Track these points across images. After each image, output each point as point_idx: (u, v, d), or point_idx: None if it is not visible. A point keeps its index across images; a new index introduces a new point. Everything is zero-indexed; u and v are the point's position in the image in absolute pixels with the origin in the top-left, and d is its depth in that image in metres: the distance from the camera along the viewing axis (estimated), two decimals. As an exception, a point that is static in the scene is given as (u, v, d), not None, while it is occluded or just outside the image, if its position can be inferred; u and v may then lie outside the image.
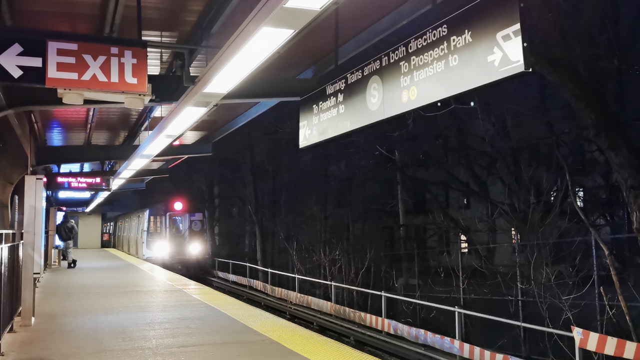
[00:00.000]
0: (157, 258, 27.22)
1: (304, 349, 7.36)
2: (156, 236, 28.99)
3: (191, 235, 28.83)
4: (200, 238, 29.46)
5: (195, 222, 29.39)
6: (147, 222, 29.41)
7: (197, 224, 29.41)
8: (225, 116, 15.40)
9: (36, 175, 10.33)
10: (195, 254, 28.58)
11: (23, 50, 6.41)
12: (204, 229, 30.14)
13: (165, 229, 28.93)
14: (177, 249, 28.46)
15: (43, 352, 7.35)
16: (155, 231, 29.46)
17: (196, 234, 29.14)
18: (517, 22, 4.73)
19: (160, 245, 28.34)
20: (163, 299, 12.31)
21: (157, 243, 28.57)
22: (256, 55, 5.94)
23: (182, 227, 29.40)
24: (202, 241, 29.55)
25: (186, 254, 28.30)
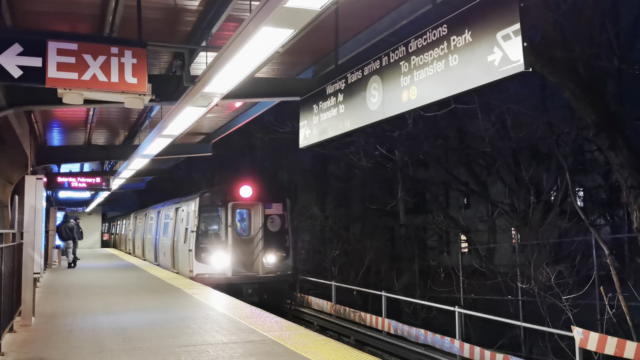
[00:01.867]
0: (214, 275, 16.87)
1: (304, 349, 7.36)
2: (212, 241, 17.62)
3: (267, 238, 17.78)
4: (280, 243, 18.12)
5: (273, 217, 18.13)
6: (196, 217, 17.62)
7: (275, 221, 18.19)
8: (225, 116, 15.41)
9: (36, 175, 10.33)
10: (273, 268, 17.69)
11: (23, 50, 6.41)
12: (285, 229, 18.28)
13: (227, 229, 17.48)
14: (245, 260, 17.79)
15: (43, 352, 7.35)
16: (209, 232, 18.11)
17: (275, 236, 18.02)
18: (517, 22, 4.73)
19: (220, 256, 17.13)
20: (163, 299, 12.31)
21: (216, 252, 17.24)
22: (256, 55, 5.95)
23: (252, 225, 18.28)
24: (282, 247, 18.10)
25: (259, 268, 17.51)
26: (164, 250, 21.70)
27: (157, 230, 23.89)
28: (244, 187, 17.84)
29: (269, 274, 17.44)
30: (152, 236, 24.84)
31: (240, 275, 17.08)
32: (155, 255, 23.71)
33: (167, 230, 21.46)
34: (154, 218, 25.09)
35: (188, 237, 17.80)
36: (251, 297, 16.26)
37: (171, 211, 21.15)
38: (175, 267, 19.58)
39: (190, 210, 18.12)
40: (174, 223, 20.15)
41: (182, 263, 18.60)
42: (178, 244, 19.19)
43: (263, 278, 17.28)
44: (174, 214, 20.48)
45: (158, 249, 23.28)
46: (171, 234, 20.42)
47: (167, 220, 21.84)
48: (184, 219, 18.73)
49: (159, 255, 23.13)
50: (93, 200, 33.30)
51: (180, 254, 18.92)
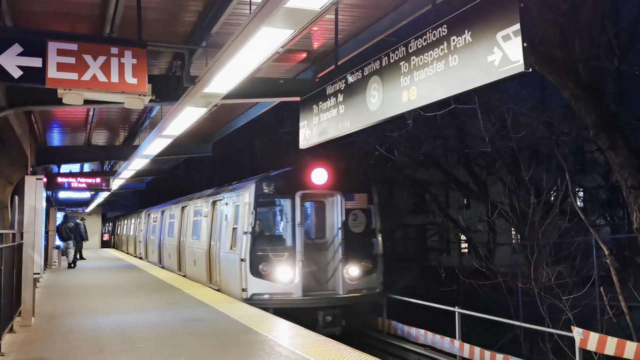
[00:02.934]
0: (277, 296, 12.07)
1: (304, 349, 7.36)
2: (274, 246, 12.64)
3: (349, 242, 12.71)
4: (366, 248, 13.01)
5: (356, 213, 13.13)
6: (252, 212, 12.49)
7: (359, 218, 13.15)
8: (225, 116, 15.41)
9: (36, 175, 10.33)
10: (358, 284, 12.66)
11: (23, 51, 6.42)
12: (372, 229, 13.24)
13: (295, 230, 12.38)
14: (319, 274, 12.72)
15: (43, 352, 7.35)
16: (269, 234, 13.39)
17: (359, 239, 12.97)
18: (517, 22, 4.73)
19: (285, 268, 12.20)
20: (163, 299, 12.31)
21: (280, 263, 12.24)
22: (256, 55, 5.95)
23: (328, 224, 13.03)
24: (368, 255, 12.99)
25: (339, 285, 12.47)
26: (194, 258, 16.41)
27: (181, 232, 18.61)
28: (317, 171, 12.57)
29: (353, 293, 12.31)
30: (175, 238, 19.20)
31: (314, 296, 12.04)
32: (179, 263, 18.45)
33: (199, 232, 16.27)
34: (175, 216, 19.77)
35: (237, 240, 12.50)
36: (331, 326, 11.76)
37: (204, 206, 15.93)
38: (213, 281, 14.31)
39: (240, 203, 12.73)
40: (210, 222, 15.00)
41: (227, 277, 13.09)
42: (219, 250, 13.78)
43: (344, 299, 12.16)
44: (209, 210, 15.25)
45: (183, 255, 17.95)
46: (205, 236, 15.24)
47: (198, 219, 16.77)
48: (229, 216, 13.42)
49: (184, 263, 17.90)
50: (93, 201, 33.27)
51: (224, 264, 13.39)
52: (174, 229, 19.80)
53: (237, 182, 14.92)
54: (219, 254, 13.90)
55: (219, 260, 13.82)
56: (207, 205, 15.71)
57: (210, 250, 14.79)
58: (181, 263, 18.36)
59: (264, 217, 13.16)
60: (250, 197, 12.48)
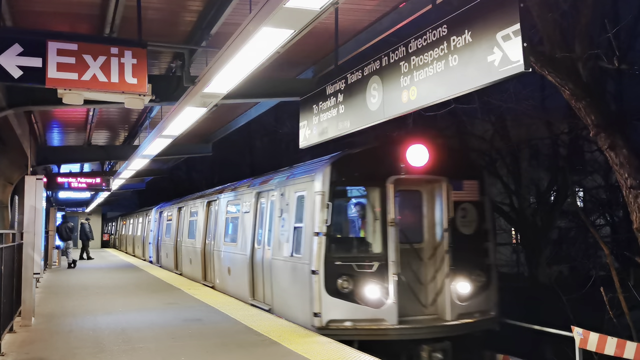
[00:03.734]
0: (363, 323, 8.64)
1: (304, 349, 7.36)
2: (357, 253, 9.26)
3: (458, 248, 9.24)
4: (478, 256, 9.56)
5: (465, 207, 9.61)
6: (326, 205, 8.95)
7: (469, 215, 9.64)
8: (225, 116, 15.41)
9: (36, 175, 10.34)
10: (470, 306, 9.22)
11: (23, 51, 6.42)
12: (484, 230, 9.71)
13: (387, 231, 8.95)
14: (419, 292, 9.34)
15: (43, 352, 7.35)
16: (349, 235, 9.93)
17: (469, 243, 9.47)
18: (517, 22, 4.73)
19: (374, 284, 8.72)
20: (163, 299, 12.31)
21: (366, 277, 8.77)
22: (256, 55, 5.95)
23: (428, 221, 9.59)
24: (481, 265, 9.48)
25: (446, 308, 9.03)
26: (228, 266, 13.17)
27: (206, 233, 15.45)
28: (415, 148, 9.15)
29: (464, 319, 9.03)
30: (197, 241, 16.12)
31: (414, 324, 8.83)
32: (204, 271, 15.36)
33: (233, 233, 13.20)
34: (198, 213, 16.50)
35: (303, 244, 9.26)
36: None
37: (244, 199, 12.50)
38: (259, 296, 11.12)
39: (306, 194, 9.39)
40: (253, 220, 11.73)
41: (285, 295, 9.86)
42: (271, 257, 10.47)
43: (455, 327, 8.95)
44: (251, 205, 11.89)
45: (210, 262, 14.88)
46: (246, 238, 11.92)
47: (232, 216, 13.56)
48: (285, 210, 10.07)
49: (211, 271, 14.76)
50: (93, 201, 33.28)
51: (279, 276, 10.08)
52: (195, 230, 16.58)
53: (305, 164, 10.68)
54: (270, 263, 10.42)
55: (271, 271, 10.37)
56: (248, 198, 12.18)
57: (253, 257, 11.49)
58: (207, 271, 14.99)
59: (342, 212, 9.59)
60: (324, 184, 8.93)
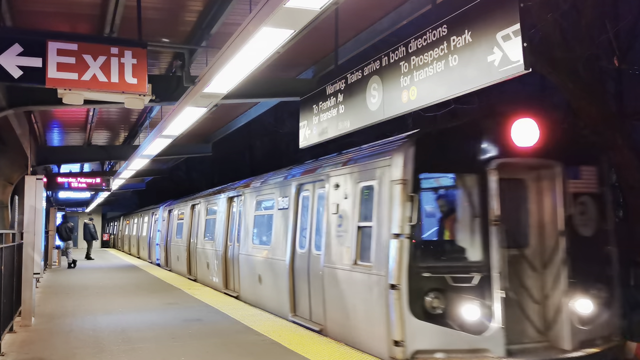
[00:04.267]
0: (459, 355, 6.36)
1: (304, 349, 7.36)
2: (453, 261, 6.78)
3: (576, 254, 6.88)
4: (600, 265, 7.17)
5: (584, 201, 7.15)
6: (407, 199, 6.59)
7: (588, 210, 7.21)
8: (225, 116, 15.41)
9: (36, 175, 10.34)
10: (593, 331, 6.93)
11: (23, 50, 6.42)
12: (606, 230, 7.29)
13: (490, 231, 6.65)
14: (530, 312, 6.99)
15: (43, 352, 7.35)
16: (434, 241, 7.30)
17: (589, 249, 7.07)
18: (517, 22, 4.73)
19: (474, 303, 6.46)
20: (163, 298, 12.30)
21: (463, 293, 6.50)
22: (256, 55, 5.95)
23: (533, 218, 7.22)
24: (603, 277, 7.12)
25: (565, 332, 6.75)
26: (257, 273, 11.04)
27: (229, 233, 13.22)
28: (521, 123, 7.03)
29: (587, 348, 6.96)
30: (217, 242, 13.95)
31: (526, 355, 6.75)
32: (225, 279, 13.28)
33: (267, 233, 11.05)
34: (218, 211, 14.29)
35: (373, 250, 7.15)
36: None
37: (280, 193, 10.35)
38: (302, 311, 9.20)
39: (374, 184, 7.30)
40: (294, 216, 9.62)
41: (348, 314, 7.75)
42: (322, 263, 8.39)
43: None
44: (291, 199, 9.75)
45: (234, 268, 12.56)
46: (286, 240, 9.79)
47: (264, 213, 11.35)
48: (343, 206, 7.96)
49: (236, 279, 12.53)
50: (93, 201, 33.29)
51: (339, 289, 7.97)
52: (214, 230, 14.44)
53: (342, 154, 8.84)
54: (322, 271, 8.29)
55: (323, 283, 8.24)
56: (285, 192, 10.05)
57: (294, 264, 9.41)
58: (229, 277, 13.01)
59: (428, 207, 7.34)
60: (406, 170, 6.62)
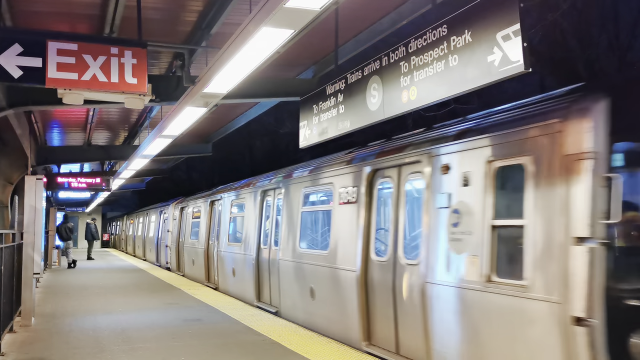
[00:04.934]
0: None
1: (304, 349, 7.36)
2: None
3: None
4: None
5: None
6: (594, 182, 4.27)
7: None
8: (225, 116, 15.41)
9: (36, 175, 10.35)
10: None
11: (23, 50, 6.42)
12: None
13: None
14: None
15: (43, 352, 7.35)
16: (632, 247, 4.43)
17: None
18: (517, 22, 4.73)
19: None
20: (163, 298, 12.31)
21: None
22: (256, 55, 5.95)
23: None
24: None
25: None
26: (313, 284, 8.75)
27: (261, 233, 11.29)
28: None
29: None
30: (248, 245, 11.78)
31: None
32: (256, 288, 11.16)
33: (326, 234, 9.08)
34: (246, 207, 12.31)
35: (535, 262, 4.74)
36: None
37: (347, 181, 7.98)
38: (380, 339, 7.11)
39: (526, 162, 4.95)
40: (366, 213, 7.48)
41: (479, 354, 5.30)
42: (424, 278, 6.08)
43: None
44: (361, 189, 7.57)
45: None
46: (353, 244, 7.63)
47: (315, 209, 9.75)
48: (466, 195, 5.63)
49: (270, 290, 10.59)
50: (93, 201, 33.30)
51: (455, 317, 5.64)
52: (243, 231, 12.38)
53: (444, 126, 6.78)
54: (424, 290, 6.05)
55: (426, 306, 6.03)
56: (351, 181, 7.83)
57: (367, 275, 7.28)
58: (263, 287, 11.01)
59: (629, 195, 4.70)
60: (595, 139, 4.46)
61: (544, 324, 4.53)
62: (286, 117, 22.74)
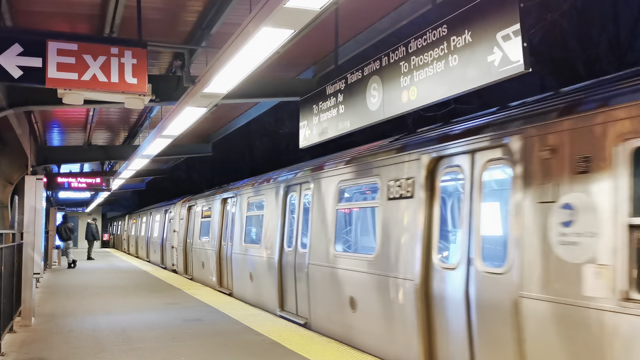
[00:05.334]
0: None
1: (304, 349, 7.36)
2: None
3: None
4: None
5: None
6: None
7: None
8: (225, 116, 15.41)
9: (36, 175, 10.34)
10: None
11: (23, 50, 6.42)
12: None
13: None
14: None
15: (43, 352, 7.35)
16: None
17: None
18: (517, 22, 4.73)
19: None
20: (163, 298, 12.31)
21: None
22: (256, 55, 5.95)
23: None
24: None
25: None
26: (358, 292, 7.44)
27: (288, 235, 10.02)
28: None
29: None
30: (268, 248, 10.62)
31: None
32: (281, 296, 10.02)
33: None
34: (266, 205, 10.98)
35: None
36: None
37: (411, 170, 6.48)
38: None
39: None
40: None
41: None
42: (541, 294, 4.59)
43: None
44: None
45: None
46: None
47: (365, 205, 8.36)
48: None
49: (297, 299, 9.39)
50: (93, 201, 33.31)
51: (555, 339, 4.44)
52: (266, 231, 10.88)
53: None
54: (527, 310, 4.72)
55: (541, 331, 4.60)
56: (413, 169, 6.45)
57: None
58: (287, 297, 9.82)
59: None
60: None
61: None
62: (286, 117, 22.75)
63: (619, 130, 4.10)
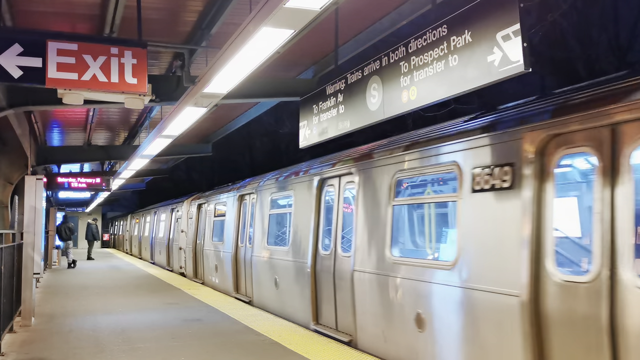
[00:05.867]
0: None
1: (304, 349, 7.36)
2: None
3: None
4: None
5: None
6: None
7: None
8: (225, 116, 15.41)
9: (36, 175, 10.35)
10: None
11: (23, 50, 6.42)
12: None
13: None
14: None
15: (43, 352, 7.35)
16: None
17: None
18: (517, 22, 4.73)
19: None
20: (163, 298, 12.31)
21: None
22: (256, 55, 5.95)
23: None
24: None
25: None
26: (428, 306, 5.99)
27: (322, 237, 8.82)
28: None
29: None
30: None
31: None
32: (315, 307, 8.78)
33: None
34: (295, 203, 9.78)
35: None
36: None
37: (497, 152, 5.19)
38: None
39: None
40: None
41: None
42: None
43: None
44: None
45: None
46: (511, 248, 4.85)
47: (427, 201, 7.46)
48: None
49: (335, 313, 8.16)
50: (93, 201, 33.31)
51: None
52: (294, 231, 9.63)
53: None
54: None
55: None
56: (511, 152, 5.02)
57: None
58: (322, 308, 8.64)
59: None
60: None
61: None
62: (286, 117, 22.75)
63: None
